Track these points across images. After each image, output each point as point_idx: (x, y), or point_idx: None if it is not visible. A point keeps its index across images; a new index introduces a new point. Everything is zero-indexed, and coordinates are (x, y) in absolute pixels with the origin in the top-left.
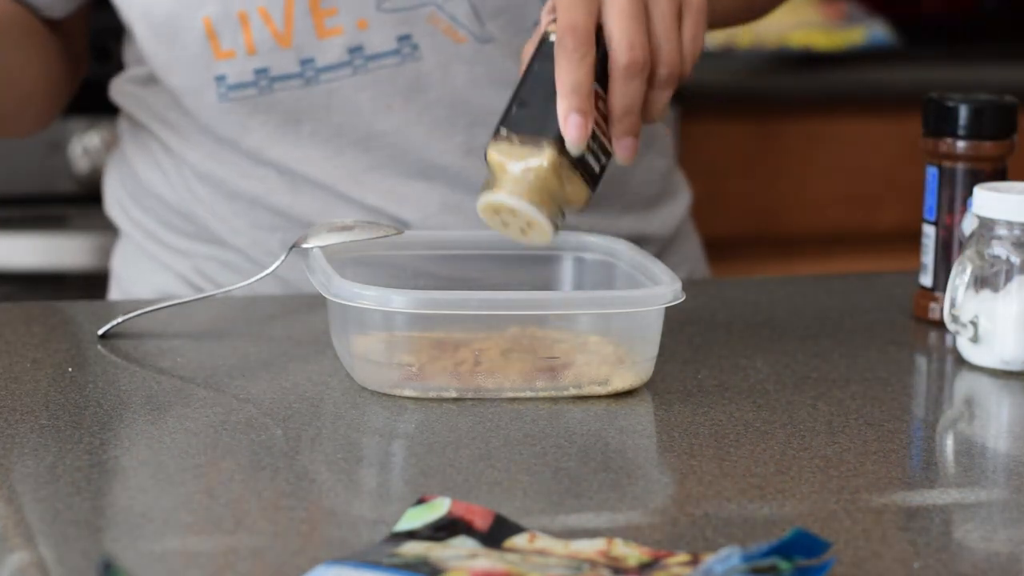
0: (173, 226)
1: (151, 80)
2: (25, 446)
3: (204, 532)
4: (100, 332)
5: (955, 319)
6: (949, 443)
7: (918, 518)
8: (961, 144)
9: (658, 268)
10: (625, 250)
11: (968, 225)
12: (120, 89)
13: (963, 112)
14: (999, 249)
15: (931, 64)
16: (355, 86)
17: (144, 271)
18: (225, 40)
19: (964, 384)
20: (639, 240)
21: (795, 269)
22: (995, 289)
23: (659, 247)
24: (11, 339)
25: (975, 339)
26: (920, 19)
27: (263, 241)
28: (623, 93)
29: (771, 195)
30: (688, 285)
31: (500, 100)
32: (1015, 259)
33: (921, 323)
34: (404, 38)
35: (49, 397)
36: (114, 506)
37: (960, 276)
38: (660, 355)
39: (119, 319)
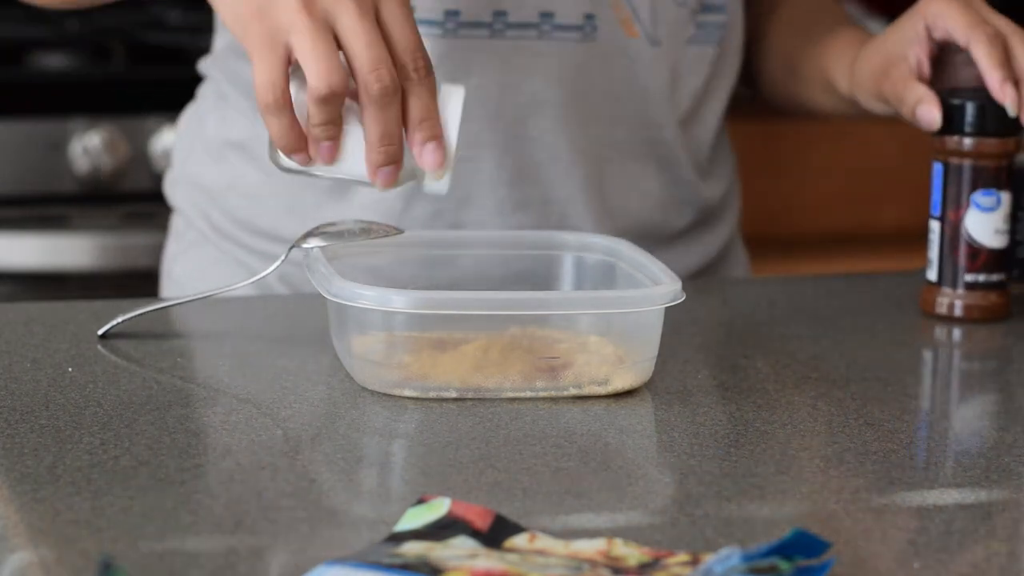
0: (254, 227)
1: None
2: (25, 446)
3: (204, 532)
4: (100, 332)
5: None
6: (949, 443)
7: (918, 518)
8: (967, 141)
9: (658, 268)
10: (625, 250)
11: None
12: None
13: (969, 109)
14: None
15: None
16: (534, 51)
17: (218, 272)
18: None
19: (964, 384)
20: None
21: (795, 269)
22: None
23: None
24: (11, 339)
25: None
26: None
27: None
28: (376, 120)
29: (771, 195)
30: (688, 285)
31: (642, 105)
32: None
33: (926, 319)
34: (589, 17)
35: (49, 397)
36: (114, 506)
37: None
38: (660, 355)
39: (119, 319)
